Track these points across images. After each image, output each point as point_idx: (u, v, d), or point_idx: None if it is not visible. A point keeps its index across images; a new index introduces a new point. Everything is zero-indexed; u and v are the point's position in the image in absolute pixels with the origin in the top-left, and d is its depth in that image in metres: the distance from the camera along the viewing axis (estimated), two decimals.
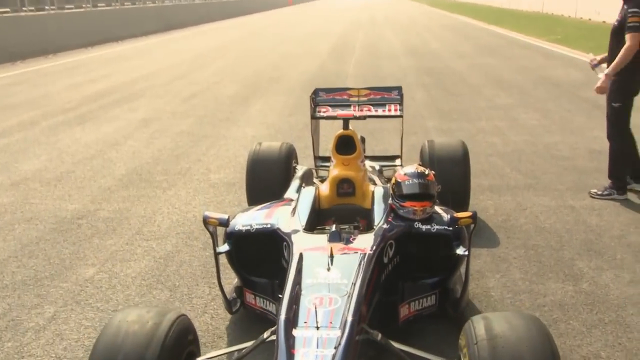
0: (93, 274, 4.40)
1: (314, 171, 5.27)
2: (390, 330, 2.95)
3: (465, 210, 4.35)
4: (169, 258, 4.62)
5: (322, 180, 5.01)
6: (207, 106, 10.71)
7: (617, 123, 5.57)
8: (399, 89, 5.52)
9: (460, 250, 3.34)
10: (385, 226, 3.39)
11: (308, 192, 3.86)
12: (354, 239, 3.19)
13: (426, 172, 3.56)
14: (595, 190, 5.73)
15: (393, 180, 3.62)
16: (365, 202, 3.86)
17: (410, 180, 3.52)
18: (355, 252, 3.05)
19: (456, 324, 3.49)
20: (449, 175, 4.88)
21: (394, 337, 2.82)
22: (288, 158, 5.14)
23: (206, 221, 3.38)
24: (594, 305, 3.78)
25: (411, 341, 2.98)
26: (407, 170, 3.59)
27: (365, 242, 3.17)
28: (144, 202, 5.88)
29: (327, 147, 7.03)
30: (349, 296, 2.71)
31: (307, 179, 4.74)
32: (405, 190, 3.50)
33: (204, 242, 4.86)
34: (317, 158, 5.69)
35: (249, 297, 3.57)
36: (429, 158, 4.97)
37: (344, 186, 3.90)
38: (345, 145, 4.09)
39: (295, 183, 4.59)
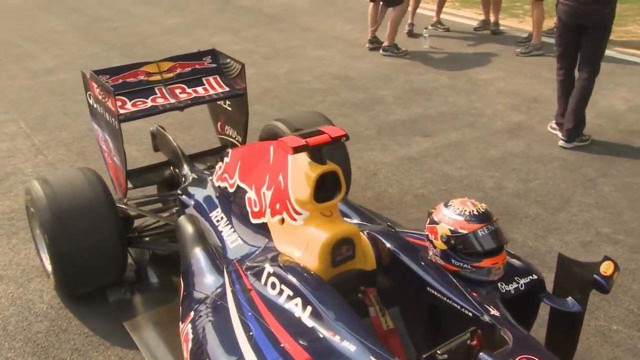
0: None
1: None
2: None
3: None
4: None
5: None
6: None
7: None
8: (212, 53, 3.88)
9: (567, 305, 2.36)
10: (486, 319, 2.14)
11: (313, 280, 2.25)
12: None
13: (488, 210, 2.38)
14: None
15: (444, 231, 2.31)
16: (368, 262, 2.48)
17: (484, 229, 2.29)
18: None
19: None
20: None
21: None
22: (106, 194, 3.19)
23: None
24: None
25: None
26: (459, 209, 2.31)
27: None
28: None
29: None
30: None
31: (202, 238, 2.87)
32: (480, 246, 2.28)
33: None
34: (130, 175, 3.67)
35: None
36: None
37: (342, 250, 2.39)
38: (325, 185, 2.48)
39: (198, 254, 2.73)
